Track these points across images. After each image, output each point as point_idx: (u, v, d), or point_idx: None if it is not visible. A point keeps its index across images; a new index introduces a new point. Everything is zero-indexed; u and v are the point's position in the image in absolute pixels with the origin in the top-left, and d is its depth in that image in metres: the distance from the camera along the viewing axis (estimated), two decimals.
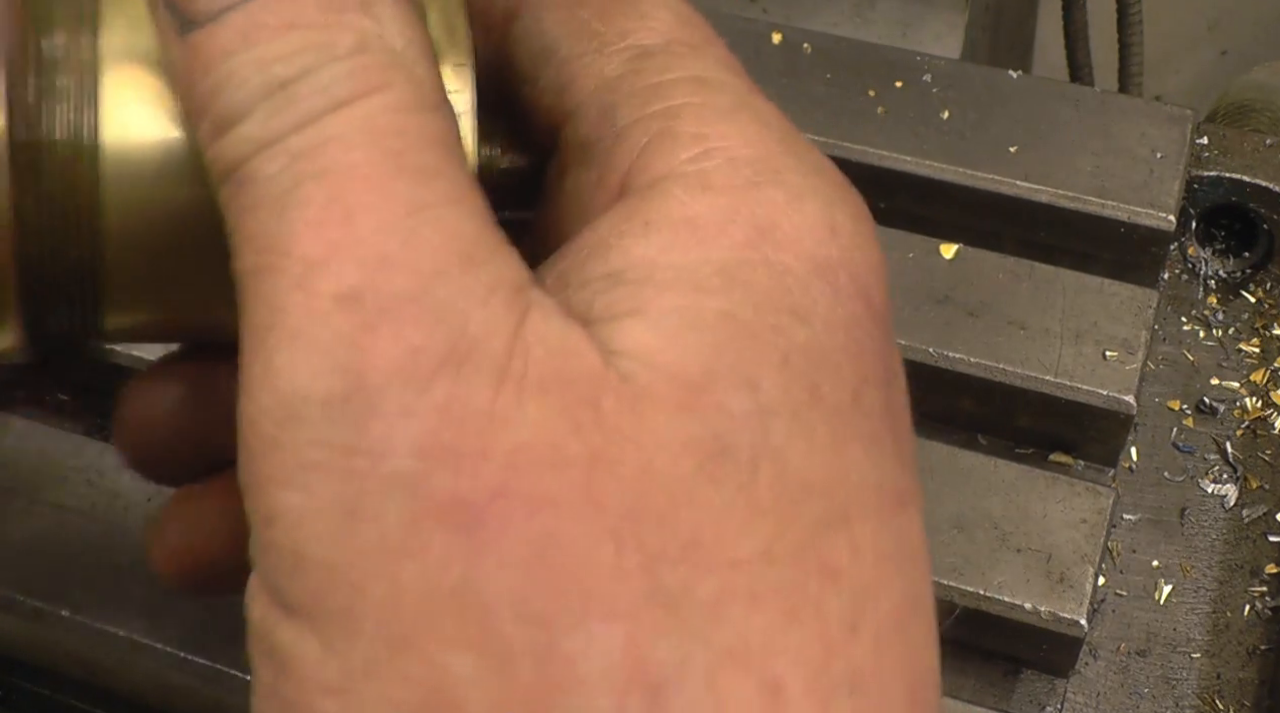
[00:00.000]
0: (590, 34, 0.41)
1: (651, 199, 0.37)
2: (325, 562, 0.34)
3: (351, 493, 0.33)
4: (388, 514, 0.33)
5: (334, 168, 0.34)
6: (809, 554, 0.35)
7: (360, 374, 0.34)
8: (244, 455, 0.35)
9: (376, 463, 0.33)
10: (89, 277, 0.39)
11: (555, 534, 0.33)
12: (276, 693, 0.35)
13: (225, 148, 0.35)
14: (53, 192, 0.38)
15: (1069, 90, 0.78)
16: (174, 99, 0.38)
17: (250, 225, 0.35)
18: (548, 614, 0.33)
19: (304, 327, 0.34)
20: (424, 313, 0.34)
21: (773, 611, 0.34)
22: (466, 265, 0.35)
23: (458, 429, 0.33)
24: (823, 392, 0.36)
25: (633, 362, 0.35)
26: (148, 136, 0.38)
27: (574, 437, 0.34)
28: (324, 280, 0.34)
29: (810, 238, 0.37)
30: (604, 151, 0.39)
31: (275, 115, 0.35)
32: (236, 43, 0.35)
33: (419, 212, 0.35)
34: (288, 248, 0.34)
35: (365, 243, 0.34)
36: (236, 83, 0.35)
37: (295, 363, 0.34)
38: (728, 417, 0.35)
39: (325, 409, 0.34)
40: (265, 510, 0.34)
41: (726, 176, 0.37)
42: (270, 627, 0.35)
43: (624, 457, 0.34)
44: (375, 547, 0.33)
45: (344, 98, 0.35)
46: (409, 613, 0.33)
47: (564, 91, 0.41)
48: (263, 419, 0.34)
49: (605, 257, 0.37)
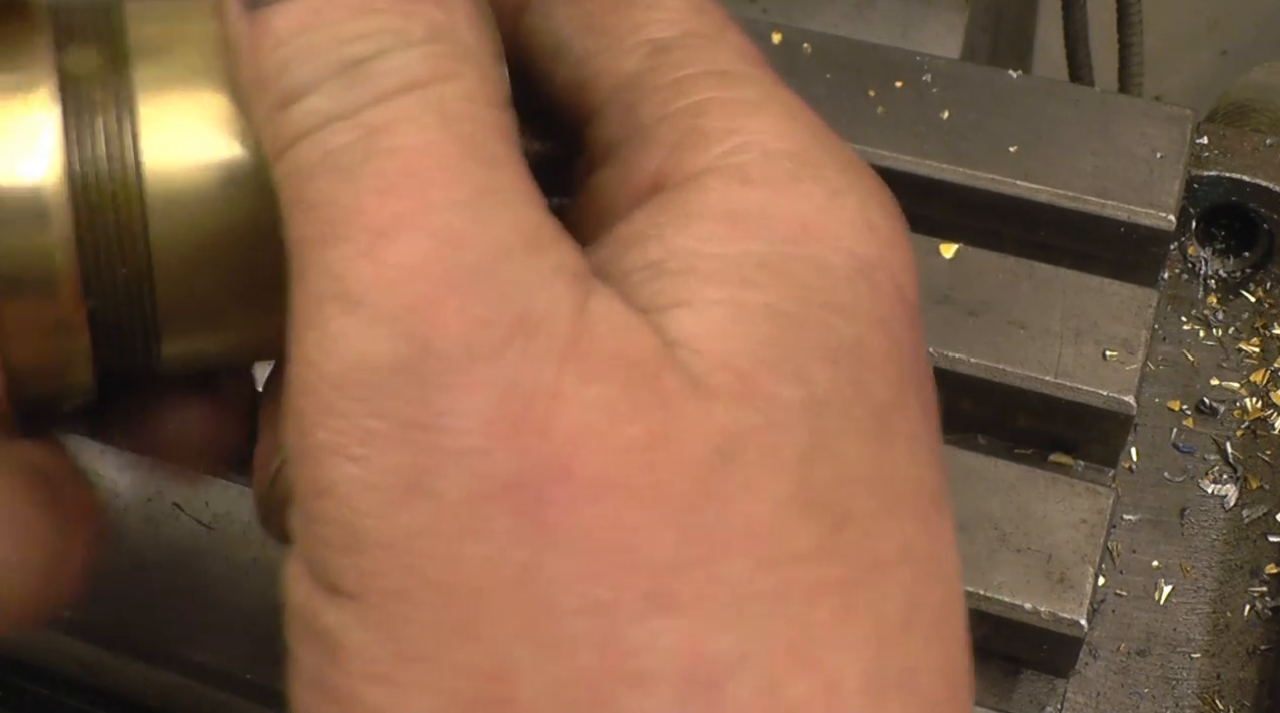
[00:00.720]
0: (602, 29, 0.40)
1: (689, 192, 0.37)
2: (380, 539, 0.33)
3: (411, 466, 0.33)
4: (448, 491, 0.32)
5: (406, 145, 0.34)
6: (864, 550, 0.34)
7: (425, 343, 0.33)
8: (296, 423, 0.34)
9: (439, 436, 0.33)
10: (147, 308, 0.39)
11: (618, 520, 0.32)
12: (321, 680, 0.34)
13: (289, 120, 0.35)
14: (107, 227, 0.38)
15: (1069, 90, 0.78)
16: (224, 109, 0.38)
17: (312, 194, 0.34)
18: (610, 604, 0.32)
19: (369, 294, 0.33)
20: (491, 288, 0.33)
21: (830, 606, 0.34)
22: (532, 248, 0.34)
23: (522, 405, 0.33)
24: (869, 389, 0.36)
25: (685, 350, 0.34)
26: (188, 161, 0.38)
27: (637, 418, 0.33)
28: (392, 250, 0.33)
29: (849, 234, 0.37)
30: (631, 150, 0.39)
31: (348, 90, 0.35)
32: (309, 20, 0.35)
33: (487, 194, 0.34)
34: (355, 217, 0.34)
35: (435, 216, 0.34)
36: (307, 57, 0.35)
37: (359, 330, 0.33)
38: (784, 407, 0.34)
39: (389, 377, 0.33)
40: (317, 481, 0.33)
41: (764, 170, 0.37)
42: (315, 609, 0.34)
43: (686, 441, 0.33)
44: (434, 526, 0.32)
45: (418, 80, 0.35)
46: (467, 598, 0.32)
47: (583, 90, 0.40)
48: (322, 385, 0.33)
49: (644, 247, 0.36)
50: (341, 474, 0.33)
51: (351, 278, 0.33)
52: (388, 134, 0.34)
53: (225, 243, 0.39)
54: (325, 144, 0.35)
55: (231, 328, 0.41)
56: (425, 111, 0.35)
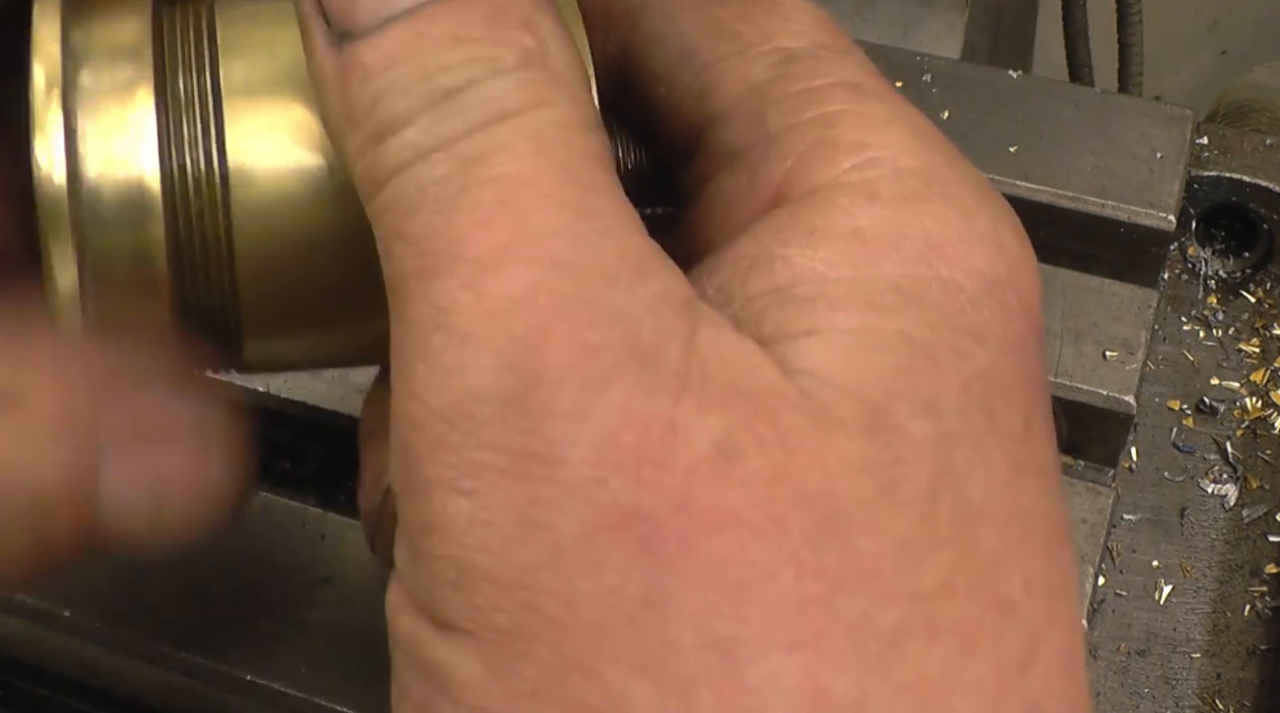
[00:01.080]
0: (730, 35, 0.40)
1: (814, 208, 0.36)
2: (493, 575, 0.32)
3: (525, 500, 0.32)
4: (564, 525, 0.32)
5: (504, 174, 0.34)
6: (985, 588, 0.34)
7: (535, 373, 0.32)
8: (404, 459, 0.34)
9: (553, 468, 0.32)
10: (231, 310, 0.39)
11: (738, 555, 0.32)
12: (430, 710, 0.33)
13: (384, 154, 0.35)
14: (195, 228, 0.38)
15: (1069, 90, 0.78)
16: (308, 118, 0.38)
17: (412, 228, 0.34)
18: (730, 641, 0.31)
19: (475, 326, 0.33)
20: (598, 315, 0.33)
21: (950, 645, 0.33)
22: (636, 275, 0.34)
23: (638, 435, 0.32)
24: (999, 418, 0.35)
25: (812, 380, 0.34)
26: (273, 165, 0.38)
27: (756, 451, 0.32)
28: (496, 281, 0.33)
29: (980, 255, 0.36)
30: (756, 158, 0.38)
31: (442, 122, 0.34)
32: (399, 53, 0.35)
33: (587, 220, 0.34)
34: (457, 248, 0.33)
35: (537, 245, 0.33)
36: (399, 91, 0.34)
37: (466, 362, 0.33)
38: (910, 442, 0.34)
39: (499, 409, 0.32)
40: (426, 517, 0.33)
41: (893, 188, 0.36)
42: (423, 642, 0.33)
43: (807, 475, 0.33)
44: (550, 561, 0.32)
45: (512, 109, 0.34)
46: (584, 634, 0.32)
47: (706, 95, 0.40)
48: (431, 420, 0.33)
49: (770, 269, 0.36)
50: (452, 510, 0.32)
51: (457, 310, 0.33)
52: (485, 164, 0.34)
53: (308, 248, 0.39)
54: (422, 177, 0.34)
55: (312, 333, 0.41)
56: (521, 140, 0.34)
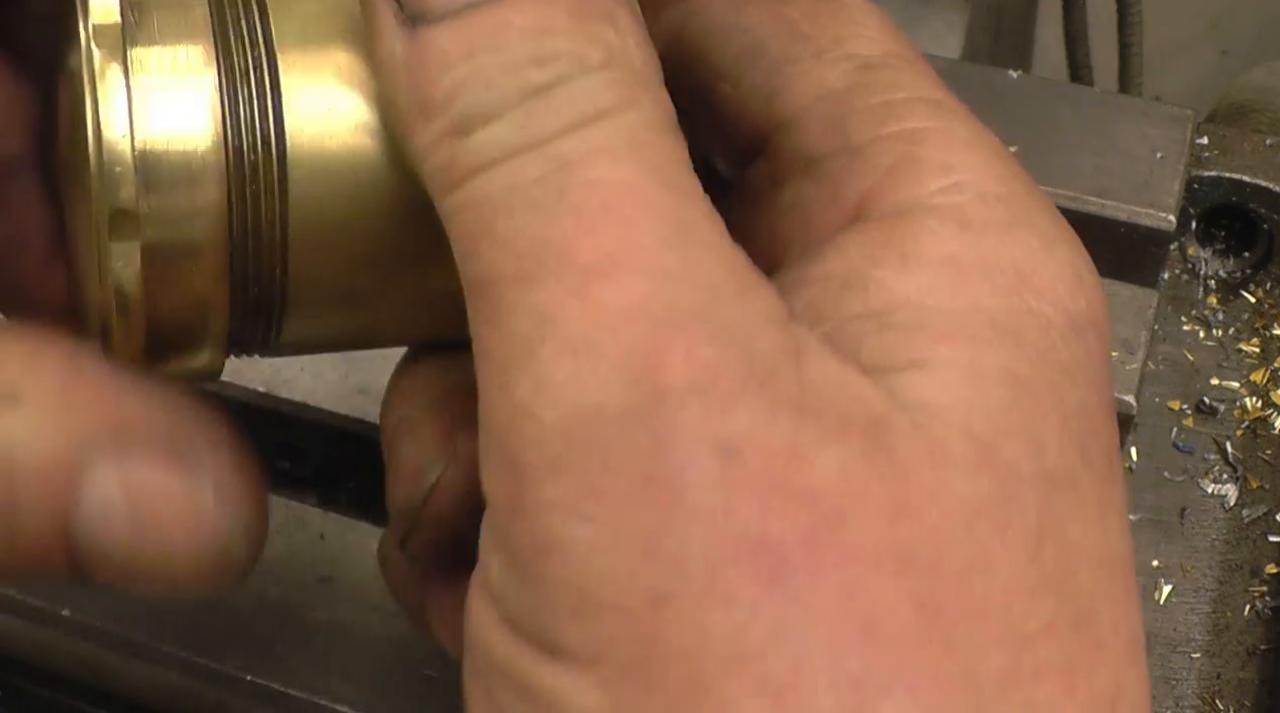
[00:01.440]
0: (801, 37, 0.39)
1: (904, 230, 0.35)
2: (618, 604, 0.31)
3: (650, 527, 0.31)
4: (690, 554, 0.31)
5: (603, 178, 0.32)
6: (1085, 629, 0.34)
7: (657, 389, 0.31)
8: (515, 477, 0.32)
9: (680, 494, 0.31)
10: (280, 286, 0.38)
11: (864, 588, 0.31)
12: None
13: (466, 150, 0.33)
14: (250, 196, 0.37)
15: (1069, 90, 0.78)
16: (365, 100, 0.37)
17: (505, 229, 0.33)
18: (858, 677, 0.31)
19: (589, 337, 0.31)
20: (714, 331, 0.32)
21: (1054, 685, 0.33)
22: (741, 289, 0.33)
23: (765, 461, 0.31)
24: (1090, 457, 0.35)
25: (922, 414, 0.33)
26: (329, 137, 0.38)
27: (877, 484, 0.32)
28: (608, 290, 0.32)
29: (1063, 287, 0.36)
30: (838, 168, 0.37)
31: (535, 120, 0.33)
32: (481, 41, 0.33)
33: (689, 229, 0.33)
34: (562, 254, 0.32)
35: (646, 255, 0.32)
36: (484, 83, 0.33)
37: (582, 376, 0.31)
38: (1019, 480, 0.33)
39: (623, 427, 0.31)
40: (542, 539, 0.32)
41: (981, 214, 0.36)
42: (530, 667, 0.32)
43: (925, 511, 0.32)
44: (677, 590, 0.31)
45: (604, 109, 0.33)
46: (713, 667, 0.30)
47: (777, 97, 0.39)
48: (546, 436, 0.31)
49: (864, 291, 0.35)
50: (572, 535, 0.31)
51: (566, 320, 0.32)
52: (582, 167, 0.32)
53: (361, 226, 0.38)
54: (514, 176, 0.33)
55: (355, 311, 0.40)
56: (617, 142, 0.33)
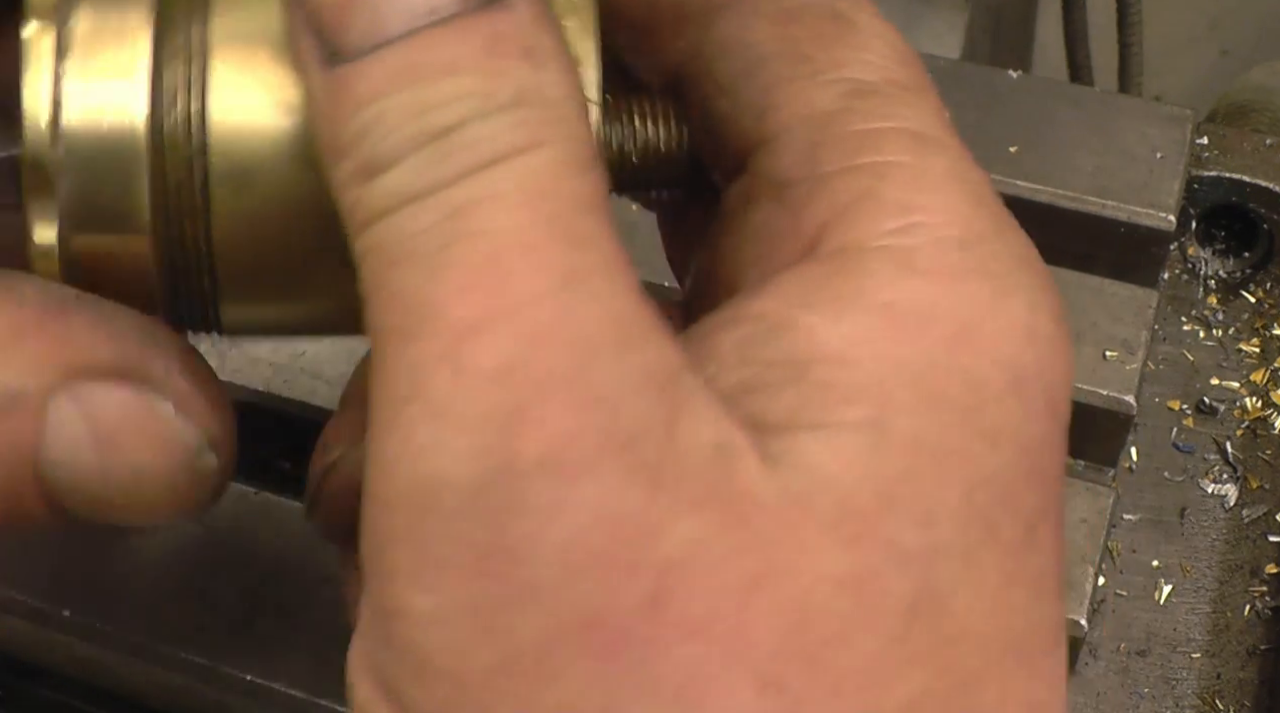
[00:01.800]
0: (801, 57, 0.38)
1: (846, 272, 0.35)
2: (453, 676, 0.31)
3: (486, 601, 0.31)
4: (524, 629, 0.31)
5: (489, 228, 0.32)
6: (955, 706, 0.33)
7: (507, 461, 0.31)
8: (372, 538, 0.32)
9: (517, 568, 0.31)
10: (208, 265, 0.39)
11: (701, 668, 0.31)
12: None
13: (370, 194, 0.33)
14: (175, 181, 0.37)
15: (1069, 90, 0.78)
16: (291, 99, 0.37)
17: (394, 282, 0.32)
18: None
19: (450, 402, 0.31)
20: (578, 395, 0.31)
21: None
22: (621, 346, 0.32)
23: (608, 535, 0.31)
24: (1000, 529, 0.34)
25: (805, 480, 0.32)
26: (255, 127, 0.38)
27: (730, 558, 0.31)
28: (476, 352, 0.31)
29: (1009, 342, 0.35)
30: (802, 196, 0.37)
31: (430, 167, 0.32)
32: (390, 83, 0.33)
33: (574, 282, 0.32)
34: (437, 312, 0.32)
35: (520, 313, 0.31)
36: (388, 127, 0.32)
37: (438, 442, 0.31)
38: (896, 555, 0.32)
39: (468, 499, 0.31)
40: (391, 604, 0.32)
41: (931, 259, 0.35)
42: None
43: (779, 587, 0.31)
44: (509, 666, 0.31)
45: (504, 151, 0.32)
46: None
47: (765, 115, 0.38)
48: (398, 504, 0.32)
49: (792, 336, 0.34)
50: (412, 603, 0.31)
51: (433, 382, 0.31)
52: (471, 216, 0.32)
53: (285, 213, 0.38)
54: (406, 226, 0.32)
55: (289, 299, 0.40)
56: (510, 188, 0.32)
